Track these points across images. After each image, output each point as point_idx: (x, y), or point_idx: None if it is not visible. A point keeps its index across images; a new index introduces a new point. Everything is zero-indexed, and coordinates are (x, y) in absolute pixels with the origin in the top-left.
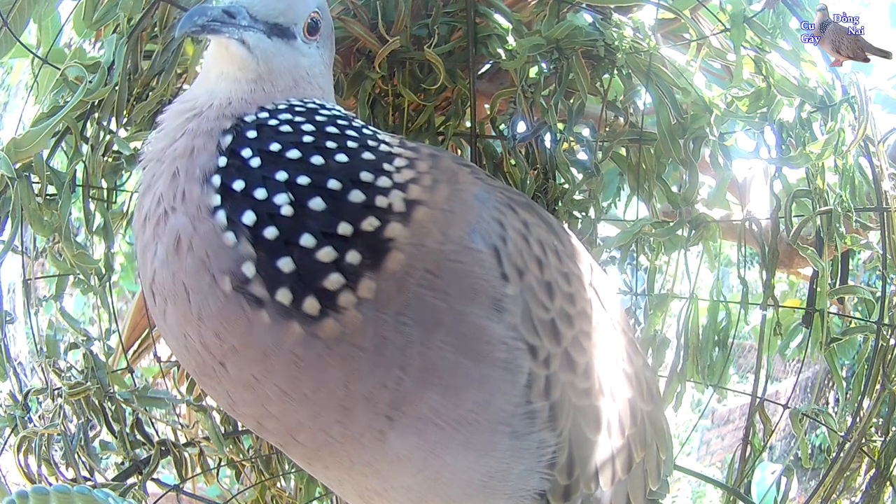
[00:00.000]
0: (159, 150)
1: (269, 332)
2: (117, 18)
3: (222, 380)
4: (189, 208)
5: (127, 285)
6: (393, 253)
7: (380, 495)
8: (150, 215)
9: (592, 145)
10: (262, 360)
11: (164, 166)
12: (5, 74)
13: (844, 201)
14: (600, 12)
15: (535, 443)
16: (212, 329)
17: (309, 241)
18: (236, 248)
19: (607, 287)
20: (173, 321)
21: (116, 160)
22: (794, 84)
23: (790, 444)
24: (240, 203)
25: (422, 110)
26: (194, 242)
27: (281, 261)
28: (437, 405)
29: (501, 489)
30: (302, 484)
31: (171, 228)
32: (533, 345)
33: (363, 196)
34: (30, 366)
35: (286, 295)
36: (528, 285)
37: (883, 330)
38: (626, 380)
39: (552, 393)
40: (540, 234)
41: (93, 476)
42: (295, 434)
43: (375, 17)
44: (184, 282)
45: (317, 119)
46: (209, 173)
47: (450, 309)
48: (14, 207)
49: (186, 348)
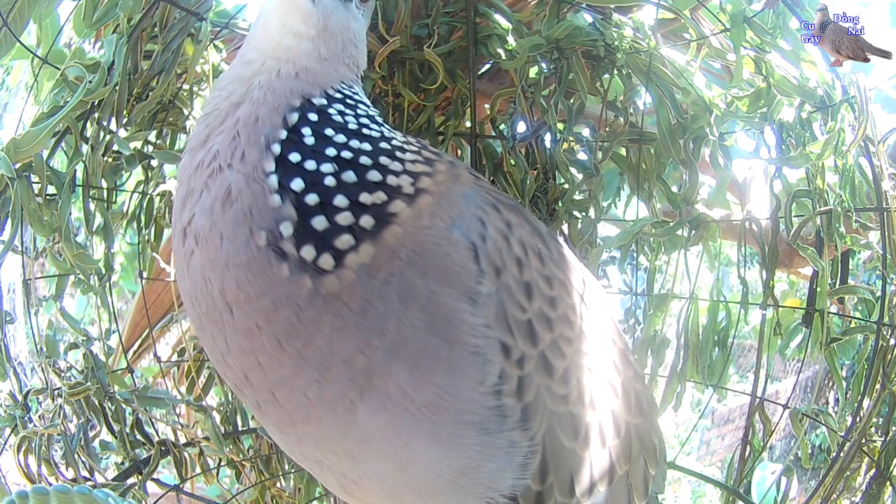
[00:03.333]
0: (222, 112)
1: (284, 285)
2: (117, 18)
3: (225, 325)
4: (246, 168)
5: (127, 285)
6: (392, 226)
7: (356, 484)
8: (204, 165)
9: (592, 145)
10: (270, 310)
11: (225, 126)
12: (5, 74)
13: (844, 201)
14: (600, 12)
15: (506, 442)
16: (235, 277)
17: (342, 201)
18: (279, 210)
19: (598, 296)
20: (197, 265)
21: (116, 160)
22: (794, 84)
23: (790, 444)
24: (291, 171)
25: (422, 110)
26: (243, 197)
27: (315, 219)
28: (404, 383)
29: (472, 488)
30: (302, 484)
31: (223, 181)
32: (506, 343)
33: (379, 176)
34: (30, 366)
35: (310, 251)
36: (505, 284)
37: (883, 330)
38: (611, 390)
39: (525, 394)
40: (522, 236)
41: (93, 476)
42: (275, 390)
43: (375, 17)
44: (221, 231)
45: (358, 112)
46: (271, 142)
47: (425, 287)
48: (14, 207)
49: (201, 291)
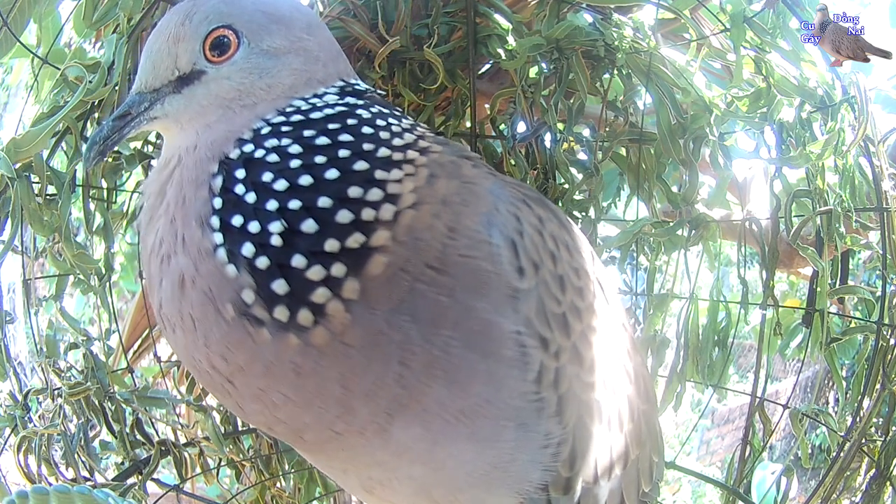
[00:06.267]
0: (154, 195)
1: (270, 348)
2: (117, 18)
3: (231, 394)
4: (190, 251)
5: (127, 285)
6: (375, 256)
7: (382, 485)
8: (155, 252)
9: (592, 145)
10: (266, 373)
11: (161, 209)
12: (5, 74)
13: (844, 201)
14: (600, 12)
15: (541, 434)
16: (218, 353)
17: (300, 261)
18: (237, 279)
19: (610, 282)
20: (182, 346)
21: (116, 160)
22: (794, 84)
23: (790, 444)
24: (238, 237)
25: (422, 110)
26: (197, 281)
27: (275, 283)
28: (442, 398)
29: (504, 479)
30: (302, 484)
31: (174, 269)
32: (545, 337)
33: (351, 215)
34: (30, 366)
35: (283, 312)
36: (543, 279)
37: (883, 330)
38: (626, 376)
39: (561, 385)
40: (553, 230)
41: (93, 476)
42: (302, 433)
43: (375, 17)
44: (190, 314)
45: (304, 135)
46: (206, 217)
47: (455, 304)
48: (14, 207)
49: (196, 369)
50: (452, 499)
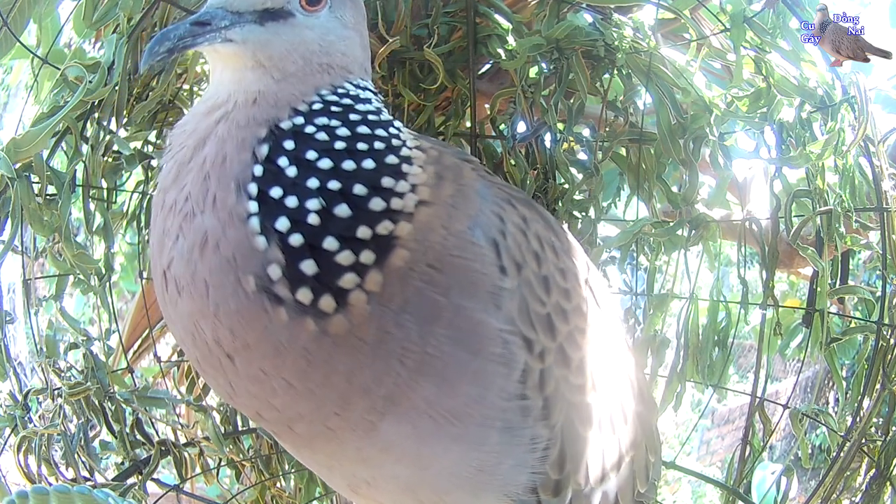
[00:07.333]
0: (189, 149)
1: (285, 330)
2: (117, 18)
3: (227, 371)
4: (220, 213)
5: (127, 285)
6: (398, 250)
7: (368, 484)
8: (177, 208)
9: (592, 145)
10: (275, 355)
11: (193, 165)
12: (5, 74)
13: (844, 201)
14: (600, 12)
15: (527, 437)
16: (227, 325)
17: (332, 244)
18: (265, 252)
19: (602, 285)
20: (185, 312)
21: (116, 160)
22: (794, 84)
23: (790, 444)
24: (275, 209)
25: (422, 110)
26: (222, 244)
27: (304, 263)
28: (431, 396)
29: (490, 483)
30: (302, 484)
31: (197, 227)
32: (529, 338)
33: (383, 203)
34: (30, 366)
35: (306, 294)
36: (526, 279)
37: (883, 330)
38: (618, 378)
39: (546, 387)
40: (538, 230)
41: (93, 476)
42: (292, 424)
43: (375, 17)
44: (205, 278)
45: (350, 119)
46: (244, 182)
47: (449, 303)
48: (14, 207)
49: (194, 339)
50: (438, 500)
